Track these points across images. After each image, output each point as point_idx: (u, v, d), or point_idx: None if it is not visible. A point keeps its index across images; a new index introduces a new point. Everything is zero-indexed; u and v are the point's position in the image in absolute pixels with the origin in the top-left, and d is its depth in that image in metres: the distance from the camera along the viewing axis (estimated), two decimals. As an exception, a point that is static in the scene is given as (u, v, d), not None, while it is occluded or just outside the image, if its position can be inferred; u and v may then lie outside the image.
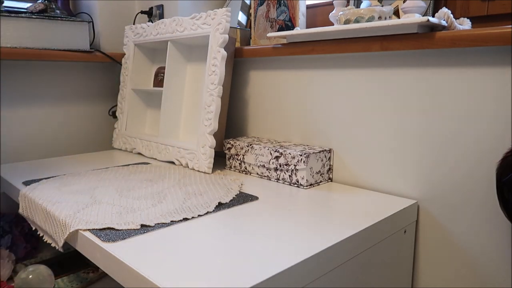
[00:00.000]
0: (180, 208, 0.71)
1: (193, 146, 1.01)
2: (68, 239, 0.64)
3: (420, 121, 0.77)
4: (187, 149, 1.02)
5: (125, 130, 1.24)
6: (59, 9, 1.18)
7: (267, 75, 1.05)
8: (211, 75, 0.98)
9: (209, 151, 0.97)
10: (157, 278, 0.47)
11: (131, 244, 0.57)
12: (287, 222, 0.65)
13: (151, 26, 1.16)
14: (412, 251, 0.80)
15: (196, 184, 0.86)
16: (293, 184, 0.87)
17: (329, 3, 1.06)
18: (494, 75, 0.68)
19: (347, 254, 0.60)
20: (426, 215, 0.78)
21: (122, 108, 1.25)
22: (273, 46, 0.97)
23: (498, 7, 0.79)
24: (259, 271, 0.49)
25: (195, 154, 1.00)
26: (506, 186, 0.61)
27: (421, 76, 0.76)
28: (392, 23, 0.72)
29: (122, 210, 0.69)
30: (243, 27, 1.24)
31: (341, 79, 0.89)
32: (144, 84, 1.26)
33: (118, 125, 1.27)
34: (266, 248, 0.56)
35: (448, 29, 0.73)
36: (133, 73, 1.23)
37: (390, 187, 0.83)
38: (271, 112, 1.06)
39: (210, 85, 0.98)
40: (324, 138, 0.94)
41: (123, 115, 1.25)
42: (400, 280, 0.77)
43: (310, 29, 0.84)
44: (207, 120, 0.97)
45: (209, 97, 0.98)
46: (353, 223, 0.65)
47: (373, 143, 0.85)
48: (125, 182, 0.87)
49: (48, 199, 0.75)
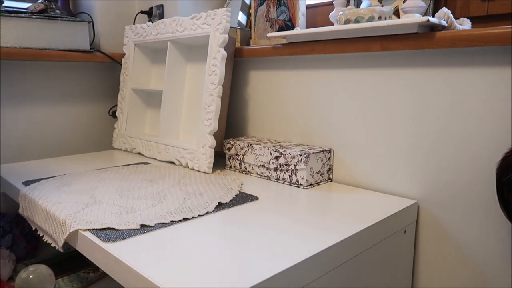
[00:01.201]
0: (180, 208, 0.71)
1: (193, 146, 1.01)
2: (68, 239, 0.64)
3: (420, 121, 0.77)
4: (187, 149, 1.02)
5: (125, 130, 1.24)
6: (59, 9, 1.18)
7: (267, 75, 1.05)
8: (211, 75, 0.98)
9: (209, 151, 0.96)
10: (157, 278, 0.47)
11: (131, 244, 0.57)
12: (287, 222, 0.65)
13: (151, 26, 1.17)
14: (412, 251, 0.80)
15: (196, 184, 0.86)
16: (293, 184, 0.87)
17: (329, 3, 1.06)
18: (494, 75, 0.68)
19: (347, 254, 0.61)
20: (426, 215, 0.78)
21: (122, 108, 1.25)
22: (273, 46, 0.97)
23: (498, 7, 0.79)
24: (259, 271, 0.49)
25: (195, 154, 1.00)
26: (506, 186, 0.61)
27: (421, 76, 0.76)
28: (392, 23, 0.72)
29: (122, 210, 0.69)
30: (243, 27, 1.24)
31: (341, 79, 0.89)
32: (144, 84, 1.26)
33: (118, 125, 1.27)
34: (266, 248, 0.56)
35: (448, 29, 0.73)
36: (133, 73, 1.23)
37: (390, 187, 0.83)
38: (271, 112, 1.06)
39: (210, 85, 0.98)
40: (324, 138, 0.94)
41: (123, 115, 1.25)
42: (400, 280, 0.77)
43: (310, 29, 0.84)
44: (207, 120, 0.97)
45: (209, 97, 0.97)
46: (353, 223, 0.65)
47: (373, 143, 0.85)
48: (125, 182, 0.87)
49: (48, 199, 0.75)
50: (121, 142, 1.25)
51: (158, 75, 1.26)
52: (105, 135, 1.37)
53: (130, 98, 1.24)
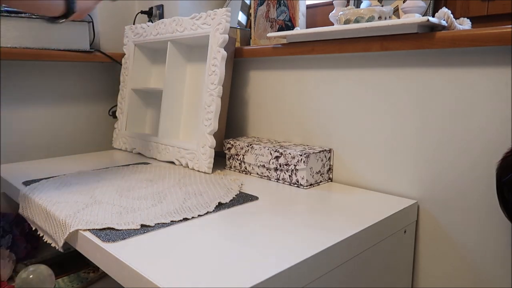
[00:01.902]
0: (180, 208, 0.71)
1: (193, 146, 1.00)
2: (68, 239, 0.64)
3: (420, 121, 0.77)
4: (187, 149, 1.02)
5: (125, 130, 1.24)
6: (59, 9, 1.18)
7: (267, 75, 1.05)
8: (211, 75, 0.98)
9: (209, 151, 0.96)
10: (157, 278, 0.47)
11: (131, 244, 0.57)
12: (287, 222, 0.65)
13: (151, 26, 1.16)
14: (412, 251, 0.80)
15: (196, 184, 0.86)
16: (293, 184, 0.87)
17: (329, 3, 1.06)
18: (494, 75, 0.68)
19: (347, 254, 0.61)
20: (426, 215, 0.78)
21: (122, 108, 1.25)
22: (273, 46, 0.97)
23: (498, 7, 0.79)
24: (259, 271, 0.49)
25: (195, 154, 1.00)
26: (506, 186, 0.61)
27: (421, 76, 0.76)
28: (392, 23, 0.72)
29: (122, 210, 0.69)
30: (243, 27, 1.24)
31: (341, 79, 0.89)
32: (144, 84, 1.26)
33: (118, 125, 1.27)
34: (266, 248, 0.56)
35: (448, 29, 0.73)
36: (133, 73, 1.23)
37: (390, 187, 0.83)
38: (271, 112, 1.06)
39: (210, 85, 0.98)
40: (324, 138, 0.94)
41: (123, 115, 1.25)
42: (400, 280, 0.77)
43: (310, 29, 0.84)
44: (207, 120, 0.97)
45: (209, 97, 0.97)
46: (353, 223, 0.65)
47: (373, 143, 0.85)
48: (125, 182, 0.87)
49: (48, 199, 0.75)
50: (121, 142, 1.25)
51: (158, 75, 1.26)
52: (105, 135, 1.37)
53: (130, 98, 1.24)
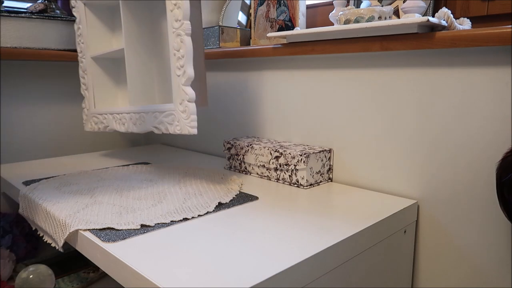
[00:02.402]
0: (180, 208, 0.71)
1: (170, 106, 0.84)
2: (68, 239, 0.64)
3: (420, 121, 0.77)
4: (163, 111, 0.85)
5: (94, 108, 1.09)
6: (59, 9, 1.18)
7: (267, 75, 1.05)
8: (173, 10, 0.79)
9: (190, 106, 0.79)
10: (157, 278, 0.47)
11: (131, 244, 0.57)
12: (287, 222, 0.65)
13: None
14: (412, 251, 0.80)
15: (196, 184, 0.86)
16: (293, 184, 0.87)
17: (329, 3, 1.06)
18: (494, 75, 0.68)
19: (347, 254, 0.61)
20: (426, 215, 0.78)
21: (86, 83, 1.10)
22: (273, 46, 0.97)
23: (498, 7, 0.79)
24: (259, 271, 0.49)
25: (174, 115, 0.83)
26: (506, 186, 0.61)
27: (421, 76, 0.76)
28: (392, 23, 0.72)
29: (122, 210, 0.69)
30: (243, 27, 1.24)
31: (341, 79, 0.89)
32: (104, 50, 1.08)
33: (86, 104, 1.11)
34: (266, 248, 0.56)
35: (448, 29, 0.73)
36: (90, 39, 1.07)
37: (390, 187, 0.83)
38: (271, 112, 1.06)
39: (174, 23, 0.79)
40: (324, 138, 0.94)
41: (89, 91, 1.09)
42: (400, 280, 0.77)
43: (310, 29, 0.84)
44: (178, 68, 0.79)
45: (176, 38, 0.79)
46: (353, 223, 0.65)
47: (373, 143, 0.85)
48: (125, 182, 0.87)
49: (48, 199, 0.75)
50: (92, 123, 1.11)
51: (120, 38, 1.12)
52: (105, 135, 1.37)
53: (93, 70, 1.09)
